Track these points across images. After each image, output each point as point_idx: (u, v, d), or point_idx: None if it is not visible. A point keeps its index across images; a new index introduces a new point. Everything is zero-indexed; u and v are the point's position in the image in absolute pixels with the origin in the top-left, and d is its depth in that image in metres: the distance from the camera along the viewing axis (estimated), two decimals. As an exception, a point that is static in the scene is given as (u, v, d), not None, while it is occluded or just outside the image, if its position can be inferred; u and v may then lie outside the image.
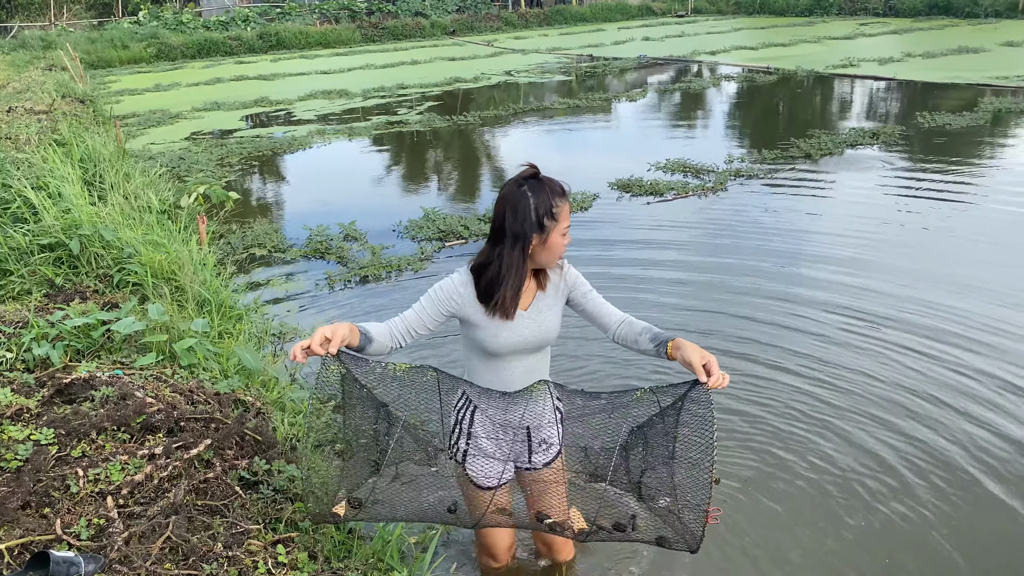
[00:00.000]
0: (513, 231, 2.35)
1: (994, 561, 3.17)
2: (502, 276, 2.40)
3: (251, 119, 15.37)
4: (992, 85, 15.06)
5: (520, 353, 2.53)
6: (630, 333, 2.53)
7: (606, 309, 2.58)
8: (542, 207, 2.35)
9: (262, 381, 4.07)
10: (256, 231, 7.58)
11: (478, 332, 2.49)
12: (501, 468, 2.59)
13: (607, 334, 2.61)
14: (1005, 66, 17.20)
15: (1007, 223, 7.27)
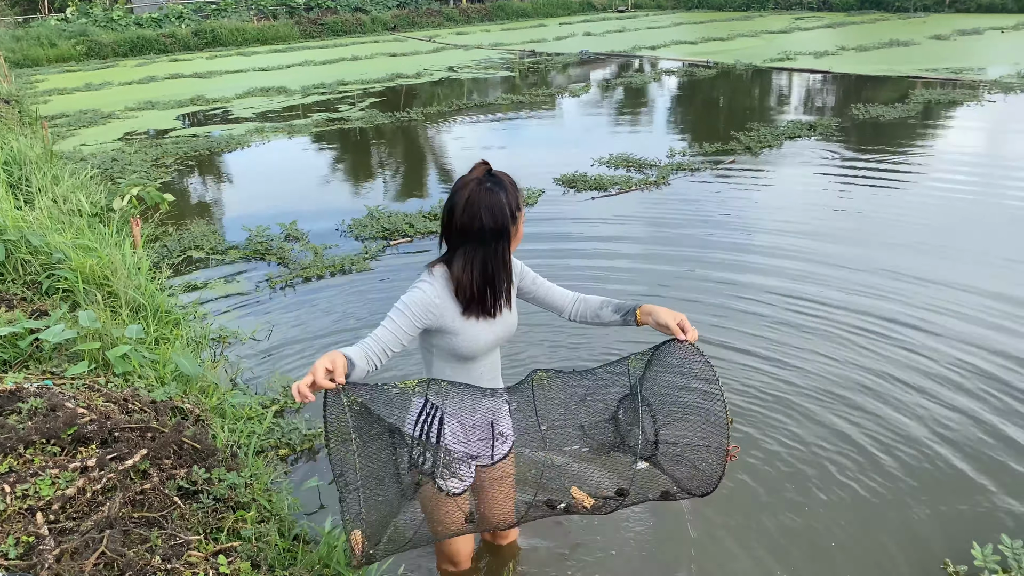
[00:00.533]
0: (495, 229, 2.31)
1: (960, 527, 3.27)
2: (497, 276, 2.38)
3: (187, 118, 15.01)
4: (922, 77, 15.51)
5: (490, 352, 2.52)
6: (588, 309, 2.62)
7: (557, 292, 2.65)
8: (512, 200, 2.35)
9: (201, 387, 3.96)
10: (194, 233, 7.39)
11: (456, 339, 2.41)
12: (469, 471, 2.54)
13: (563, 314, 2.67)
14: (934, 59, 17.74)
15: (939, 207, 7.51)
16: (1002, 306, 5.24)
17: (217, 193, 9.63)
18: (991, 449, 3.77)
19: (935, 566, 3.04)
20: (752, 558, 3.16)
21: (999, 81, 14.46)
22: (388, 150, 11.87)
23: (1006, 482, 3.53)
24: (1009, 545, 3.02)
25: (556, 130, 12.96)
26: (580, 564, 3.16)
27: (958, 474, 3.61)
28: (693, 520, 3.38)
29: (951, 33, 23.03)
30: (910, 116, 11.88)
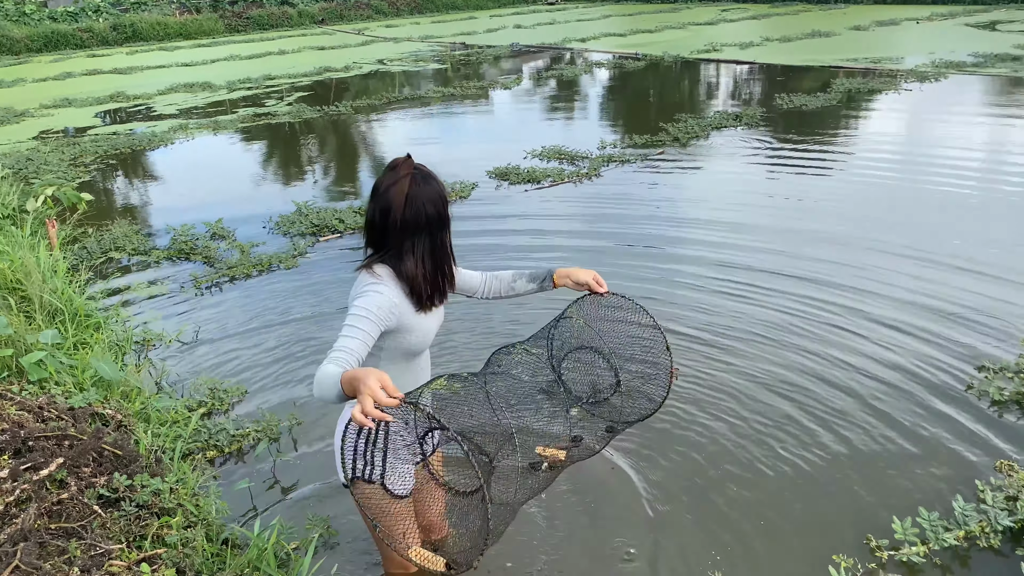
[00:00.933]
0: (439, 219, 2.33)
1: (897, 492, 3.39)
2: (447, 264, 2.41)
3: (107, 115, 14.51)
4: (843, 67, 15.97)
5: (426, 347, 2.51)
6: (501, 284, 2.71)
7: (467, 273, 2.69)
8: (443, 189, 2.37)
9: (123, 392, 3.84)
10: (115, 233, 7.15)
11: (411, 336, 2.37)
12: (413, 469, 2.50)
13: (476, 294, 2.72)
14: (854, 49, 18.28)
15: (862, 191, 7.79)
16: (925, 284, 5.44)
17: (140, 192, 9.34)
18: (913, 424, 3.91)
19: (859, 541, 3.13)
20: (705, 532, 3.22)
21: (915, 70, 14.98)
22: (317, 145, 11.68)
23: (926, 456, 3.67)
24: (927, 518, 3.14)
25: (489, 123, 12.94)
26: (532, 551, 3.16)
27: (890, 442, 3.74)
28: (650, 499, 3.42)
29: (870, 24, 23.75)
30: (832, 105, 12.22)
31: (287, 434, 3.98)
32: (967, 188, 7.82)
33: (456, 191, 8.20)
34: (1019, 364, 4.32)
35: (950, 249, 6.11)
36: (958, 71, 14.87)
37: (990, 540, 3.06)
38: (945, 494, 3.37)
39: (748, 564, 3.05)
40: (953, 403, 4.06)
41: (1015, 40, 18.73)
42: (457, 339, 4.94)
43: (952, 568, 2.98)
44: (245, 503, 3.46)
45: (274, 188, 9.21)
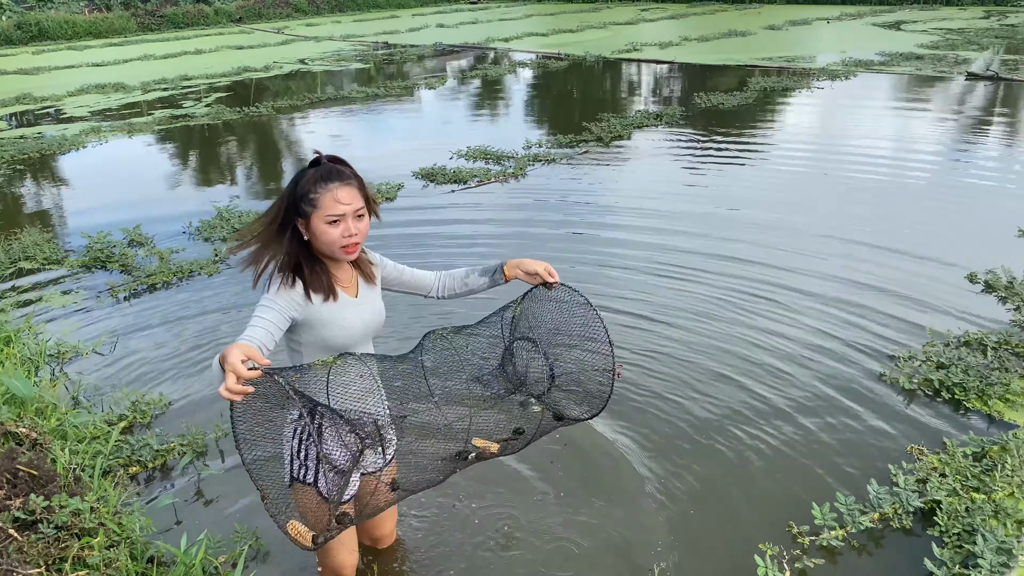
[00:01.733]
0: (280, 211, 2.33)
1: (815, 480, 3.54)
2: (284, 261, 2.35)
3: (13, 118, 13.90)
4: (758, 66, 16.44)
5: (360, 343, 2.47)
6: (454, 282, 2.71)
7: (419, 274, 2.71)
8: (300, 191, 2.29)
9: (37, 409, 3.70)
10: (24, 242, 6.85)
11: (324, 329, 2.37)
12: (354, 476, 2.45)
13: (430, 294, 2.72)
14: (769, 48, 18.85)
15: (778, 182, 8.18)
16: (837, 272, 5.69)
17: (51, 199, 8.97)
18: (828, 412, 4.06)
19: (782, 528, 3.24)
20: (633, 527, 3.27)
21: (826, 68, 15.54)
22: (238, 147, 11.43)
23: (842, 442, 3.82)
24: (844, 502, 3.27)
25: (414, 123, 12.87)
26: (465, 552, 3.17)
27: (799, 438, 3.87)
28: (582, 493, 3.46)
29: (783, 23, 24.52)
30: (749, 103, 12.58)
31: (213, 446, 3.90)
32: (876, 176, 8.29)
33: (382, 192, 8.14)
34: (926, 352, 4.54)
35: (860, 236, 6.45)
36: (866, 69, 15.50)
37: (903, 521, 3.22)
38: (860, 479, 3.52)
39: (675, 559, 3.12)
40: (866, 391, 4.24)
41: (918, 39, 19.63)
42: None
43: (869, 549, 3.12)
44: (170, 519, 3.38)
45: (194, 192, 8.98)
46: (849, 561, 3.07)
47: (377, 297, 2.56)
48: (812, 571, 2.99)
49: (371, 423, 2.35)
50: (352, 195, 2.31)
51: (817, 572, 2.98)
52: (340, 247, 2.33)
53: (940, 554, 2.96)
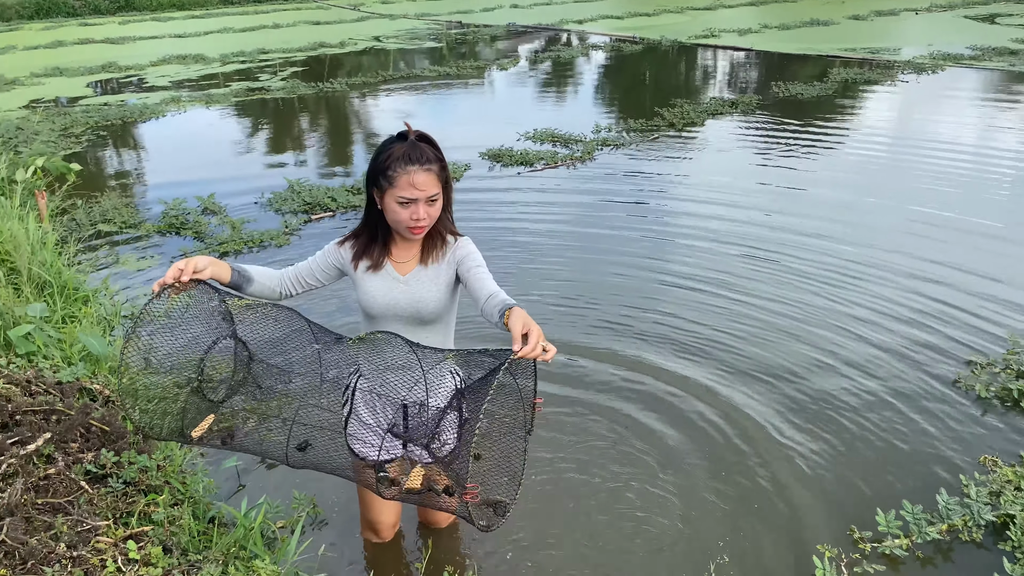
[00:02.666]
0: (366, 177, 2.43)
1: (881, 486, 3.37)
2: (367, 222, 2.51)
3: (99, 86, 14.37)
4: (840, 56, 15.93)
5: (396, 320, 2.48)
6: (488, 306, 2.28)
7: (480, 285, 2.39)
8: (381, 164, 2.32)
9: (111, 367, 3.82)
10: (105, 206, 7.09)
11: (357, 290, 2.55)
12: (379, 442, 2.47)
13: (477, 308, 2.43)
14: (852, 38, 18.23)
15: (853, 179, 7.77)
16: (916, 277, 5.46)
17: (131, 165, 9.26)
18: (899, 418, 3.93)
19: (843, 532, 3.16)
20: (694, 522, 3.24)
21: (912, 61, 14.96)
22: (311, 122, 11.60)
23: (911, 450, 3.69)
24: (910, 511, 3.16)
25: (483, 104, 12.87)
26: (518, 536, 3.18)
27: (868, 444, 3.75)
28: (640, 490, 3.43)
29: (869, 13, 23.67)
30: (828, 94, 12.20)
31: (276, 413, 3.97)
32: (960, 171, 7.95)
33: (453, 171, 8.14)
34: (1006, 359, 4.35)
35: (944, 235, 6.18)
36: (955, 63, 14.86)
37: (972, 534, 3.09)
38: (929, 488, 3.40)
39: (734, 554, 3.07)
40: (940, 398, 4.09)
41: (1013, 34, 18.73)
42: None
43: (934, 561, 3.01)
44: (232, 482, 3.46)
45: (267, 164, 9.15)
46: (912, 571, 2.97)
47: (433, 284, 2.45)
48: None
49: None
50: (429, 181, 2.30)
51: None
52: (406, 227, 2.36)
53: (1011, 570, 2.84)
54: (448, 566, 2.90)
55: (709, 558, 3.02)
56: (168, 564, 2.43)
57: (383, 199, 2.35)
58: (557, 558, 3.05)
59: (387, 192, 2.32)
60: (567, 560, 3.04)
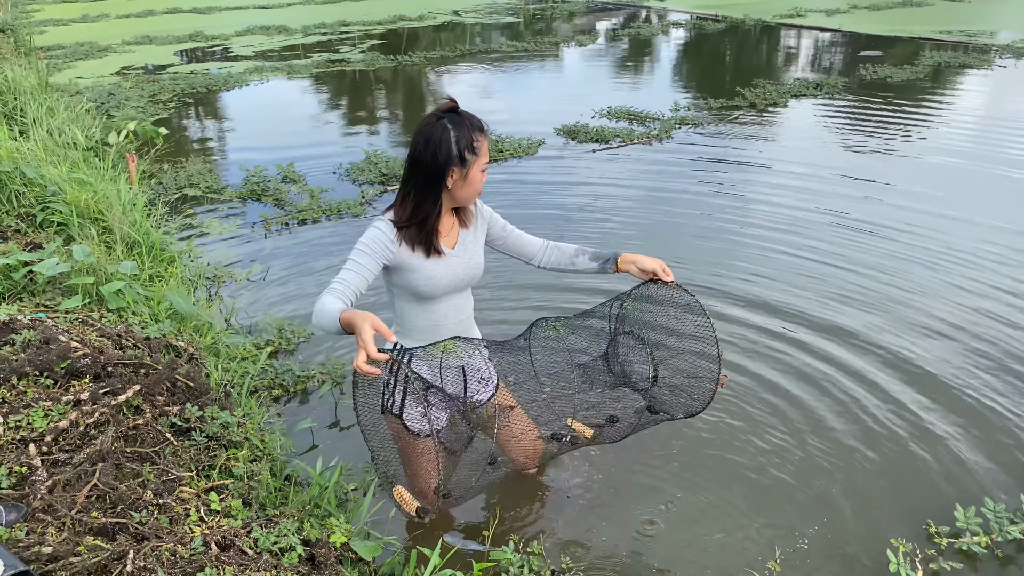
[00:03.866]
0: (431, 165, 2.33)
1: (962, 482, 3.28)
2: (423, 211, 2.39)
3: (185, 54, 14.77)
4: (933, 39, 15.27)
5: (451, 293, 2.55)
6: (562, 256, 2.70)
7: (527, 238, 2.71)
8: (463, 141, 2.32)
9: (195, 326, 3.95)
10: (190, 171, 7.31)
11: (412, 276, 2.45)
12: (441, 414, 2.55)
13: (532, 261, 2.74)
14: (947, 20, 17.45)
15: (938, 172, 7.43)
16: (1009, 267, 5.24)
17: (214, 132, 9.51)
18: (985, 412, 3.78)
19: (919, 527, 3.07)
20: (765, 510, 3.19)
21: (1011, 46, 14.25)
22: (388, 94, 11.71)
23: (997, 446, 3.55)
24: (992, 509, 3.06)
25: (560, 80, 12.77)
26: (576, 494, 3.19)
27: (950, 437, 3.62)
28: (717, 475, 3.41)
29: (965, -6, 22.61)
30: (919, 78, 11.72)
31: (351, 378, 4.05)
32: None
33: (523, 147, 8.14)
34: (1105, 359, 4.14)
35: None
36: (1058, 48, 14.09)
37: (1059, 537, 2.98)
38: (1014, 486, 3.28)
39: (806, 541, 3.01)
40: (1029, 395, 3.92)
41: (1123, 18, 17.65)
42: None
43: (1016, 560, 2.91)
44: (307, 442, 3.55)
45: (344, 135, 9.29)
46: (990, 570, 2.87)
47: (477, 250, 2.58)
48: (947, 573, 2.81)
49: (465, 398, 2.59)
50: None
51: (952, 575, 2.81)
52: (477, 193, 2.46)
53: (1100, 577, 2.73)
54: (514, 534, 2.92)
55: (778, 543, 2.97)
56: (247, 517, 2.51)
57: (468, 173, 2.36)
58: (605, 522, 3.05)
59: (473, 164, 2.35)
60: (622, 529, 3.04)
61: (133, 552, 2.15)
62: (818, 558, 2.93)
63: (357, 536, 2.63)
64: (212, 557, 2.21)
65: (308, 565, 2.45)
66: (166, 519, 2.36)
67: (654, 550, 2.98)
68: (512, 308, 4.77)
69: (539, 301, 4.85)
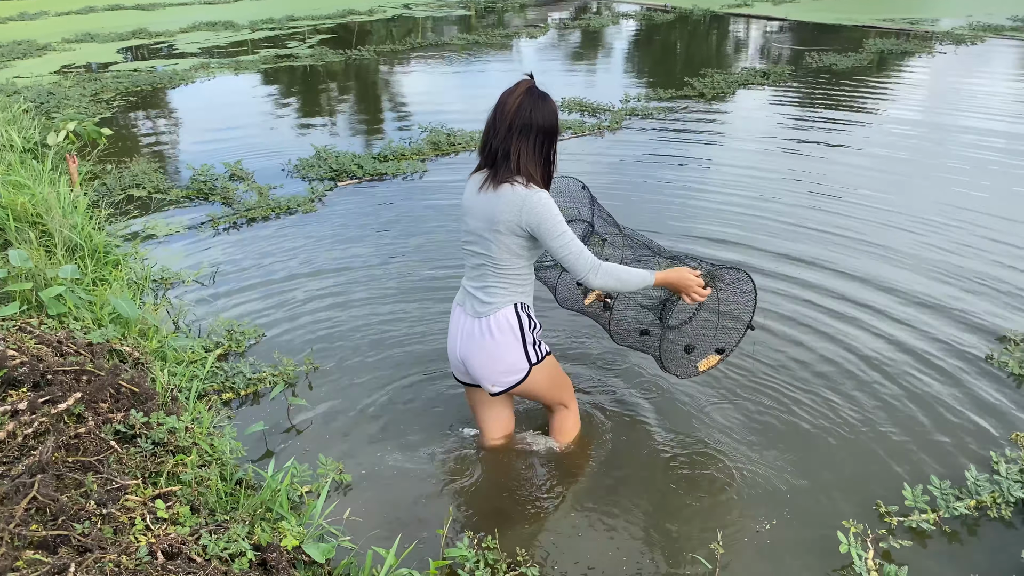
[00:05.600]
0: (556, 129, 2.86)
1: (910, 461, 3.33)
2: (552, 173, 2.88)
3: (129, 52, 14.42)
4: (877, 27, 15.57)
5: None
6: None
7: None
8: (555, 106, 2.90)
9: (140, 330, 3.86)
10: (134, 171, 7.14)
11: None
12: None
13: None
14: (890, 8, 17.81)
15: (884, 153, 7.60)
16: (947, 252, 5.35)
17: (160, 130, 9.31)
18: (929, 393, 3.86)
19: (869, 507, 3.12)
20: (714, 494, 3.22)
21: (951, 32, 14.59)
22: (338, 89, 11.57)
23: (941, 425, 3.63)
24: (938, 486, 3.12)
25: (511, 72, 12.75)
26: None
27: (896, 418, 3.68)
28: (661, 458, 3.43)
29: (907, -17, 23.10)
30: (863, 65, 11.94)
31: (303, 379, 4.00)
32: (993, 148, 7.73)
33: (475, 140, 8.11)
34: (1041, 337, 4.26)
35: (971, 217, 6.01)
36: (996, 35, 14.47)
37: (1001, 511, 3.05)
38: (958, 464, 3.35)
39: (756, 528, 3.04)
40: (970, 372, 4.01)
41: (1057, 4, 18.17)
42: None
43: (961, 536, 2.97)
44: (259, 446, 3.49)
45: (293, 131, 9.15)
46: (939, 546, 2.93)
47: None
48: (898, 552, 2.87)
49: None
50: None
51: (903, 553, 2.86)
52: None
53: (1041, 549, 2.80)
54: (469, 531, 2.91)
55: (729, 529, 3.00)
56: (196, 523, 2.46)
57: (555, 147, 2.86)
58: (553, 517, 3.06)
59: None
60: (563, 514, 3.05)
61: (75, 565, 2.09)
62: (768, 546, 2.96)
63: (310, 538, 2.60)
64: (158, 566, 2.16)
65: (260, 570, 2.41)
66: (110, 529, 2.30)
67: (607, 539, 2.99)
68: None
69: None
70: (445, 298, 4.80)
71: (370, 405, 3.79)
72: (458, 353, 3.06)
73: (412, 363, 4.13)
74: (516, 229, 2.77)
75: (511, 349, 2.94)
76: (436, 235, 5.76)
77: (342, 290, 4.95)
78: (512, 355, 2.96)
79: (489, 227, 2.80)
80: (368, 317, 4.60)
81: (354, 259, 5.42)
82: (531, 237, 2.79)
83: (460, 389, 3.86)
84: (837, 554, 2.82)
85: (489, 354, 2.95)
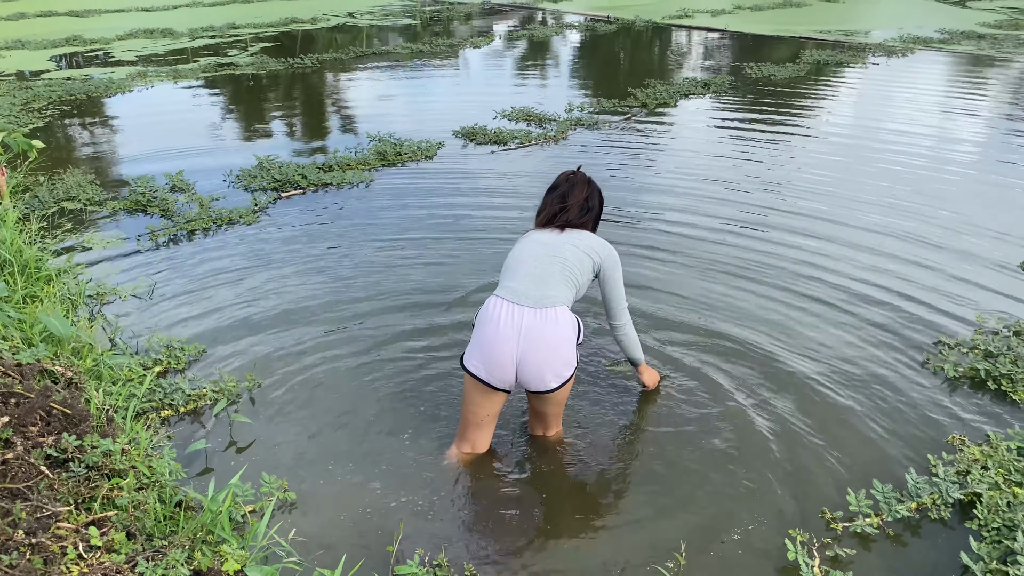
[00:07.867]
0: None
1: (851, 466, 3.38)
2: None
3: (63, 59, 14.01)
4: (813, 38, 15.97)
5: None
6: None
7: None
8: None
9: (74, 348, 3.73)
10: (68, 183, 6.91)
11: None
12: None
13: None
14: (825, 20, 18.30)
15: (822, 160, 7.79)
16: (884, 258, 5.49)
17: (96, 140, 9.04)
18: (867, 398, 3.94)
19: (815, 514, 3.16)
20: (660, 512, 3.22)
21: (883, 44, 15.05)
22: (281, 98, 11.40)
23: (881, 430, 3.71)
24: (880, 490, 3.19)
25: (457, 82, 12.74)
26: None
27: (836, 424, 3.75)
28: (598, 474, 3.42)
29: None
30: (800, 75, 12.23)
31: (246, 395, 3.91)
32: (925, 157, 8.02)
33: (422, 150, 8.07)
34: (974, 340, 4.39)
35: (910, 216, 6.22)
36: (924, 47, 14.97)
37: (941, 512, 3.12)
38: (898, 467, 3.43)
39: (704, 541, 3.05)
40: (907, 377, 4.11)
41: (981, 18, 18.90)
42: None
43: (904, 539, 3.04)
44: (201, 465, 3.40)
45: (235, 141, 8.98)
46: (883, 549, 2.99)
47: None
48: (844, 558, 2.91)
49: None
50: None
51: (849, 559, 2.91)
52: None
53: (978, 548, 2.87)
54: (420, 548, 2.87)
55: (676, 548, 2.99)
56: (132, 550, 2.38)
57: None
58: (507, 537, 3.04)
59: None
60: (515, 532, 3.03)
61: (1, 599, 2.00)
62: (717, 557, 2.98)
63: (253, 561, 2.53)
64: (92, 597, 2.08)
65: (200, 596, 2.34)
66: (40, 560, 2.21)
67: (560, 551, 2.97)
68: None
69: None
70: (390, 309, 4.75)
71: (315, 421, 3.72)
72: (515, 351, 3.07)
73: (357, 378, 4.07)
74: (593, 257, 3.30)
75: (570, 344, 3.13)
76: (382, 247, 5.70)
77: (286, 305, 4.85)
78: (569, 350, 3.13)
79: (568, 241, 3.30)
80: (312, 332, 4.52)
81: (298, 272, 5.33)
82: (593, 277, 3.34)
83: (408, 402, 3.82)
84: (787, 561, 2.86)
85: (554, 344, 3.05)
